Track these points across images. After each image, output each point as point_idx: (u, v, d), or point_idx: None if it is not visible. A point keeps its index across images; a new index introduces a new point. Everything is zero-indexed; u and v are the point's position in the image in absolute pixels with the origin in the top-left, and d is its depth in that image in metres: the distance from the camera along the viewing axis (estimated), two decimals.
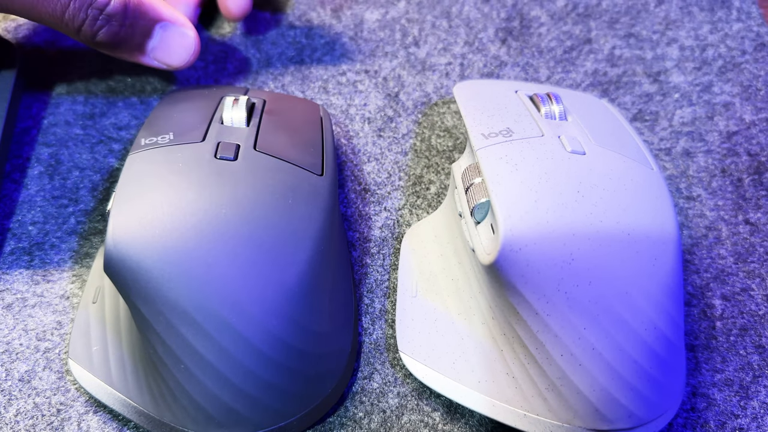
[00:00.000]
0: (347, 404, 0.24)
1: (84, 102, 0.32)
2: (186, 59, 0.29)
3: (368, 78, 0.34)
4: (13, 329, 0.26)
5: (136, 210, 0.21)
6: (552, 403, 0.22)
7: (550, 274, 0.21)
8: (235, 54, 0.35)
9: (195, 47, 0.29)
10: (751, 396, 0.25)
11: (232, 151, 0.24)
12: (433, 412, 0.24)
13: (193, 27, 0.29)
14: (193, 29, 0.29)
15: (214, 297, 0.20)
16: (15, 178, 0.30)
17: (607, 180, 0.22)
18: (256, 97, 0.28)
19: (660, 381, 0.22)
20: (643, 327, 0.21)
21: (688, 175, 0.31)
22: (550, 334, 0.21)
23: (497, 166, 0.22)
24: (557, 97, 0.26)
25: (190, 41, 0.28)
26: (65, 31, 0.26)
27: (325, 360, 0.23)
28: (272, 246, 0.22)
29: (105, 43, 0.27)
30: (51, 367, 0.25)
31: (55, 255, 0.28)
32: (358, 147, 0.32)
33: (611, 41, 0.36)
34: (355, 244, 0.28)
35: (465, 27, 0.36)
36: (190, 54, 0.29)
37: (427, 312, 0.25)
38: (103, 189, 0.30)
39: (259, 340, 0.21)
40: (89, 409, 0.24)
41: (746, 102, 0.34)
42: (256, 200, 0.22)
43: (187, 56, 0.29)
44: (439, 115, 0.33)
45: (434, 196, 0.30)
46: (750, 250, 0.29)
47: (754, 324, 0.27)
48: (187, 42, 0.28)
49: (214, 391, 0.21)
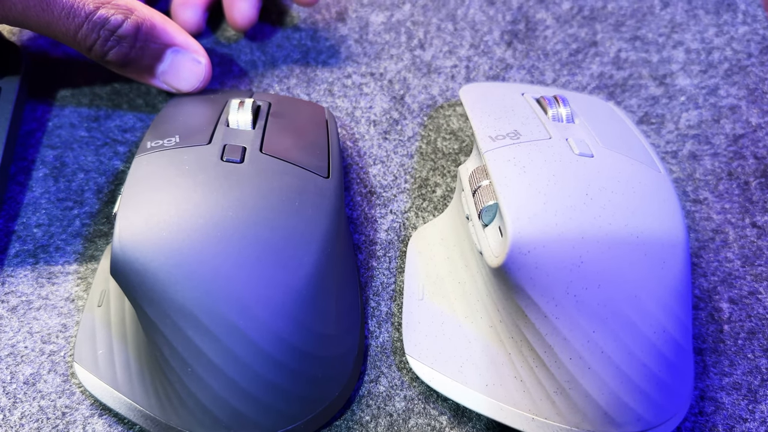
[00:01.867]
0: (354, 408, 0.24)
1: (89, 104, 0.32)
2: (195, 85, 0.29)
3: (374, 80, 0.34)
4: (18, 332, 0.26)
5: (142, 213, 0.21)
6: (560, 407, 0.22)
7: (558, 277, 0.20)
8: (240, 57, 0.35)
9: (206, 74, 0.29)
10: (759, 400, 0.25)
11: (239, 154, 0.24)
12: (440, 415, 0.24)
13: (205, 54, 0.29)
14: (205, 56, 0.29)
15: (221, 299, 0.20)
16: (20, 180, 0.30)
17: (615, 183, 0.22)
18: (262, 100, 0.28)
19: (669, 384, 0.22)
20: (652, 330, 0.21)
21: (694, 178, 0.31)
22: (558, 337, 0.21)
23: (505, 169, 0.22)
24: (564, 99, 0.26)
25: (201, 68, 0.29)
26: (78, 48, 0.27)
27: (332, 363, 0.23)
28: (279, 248, 0.21)
29: (115, 62, 0.27)
30: (56, 370, 0.25)
31: (60, 257, 0.27)
32: (363, 149, 0.32)
33: (617, 44, 0.36)
34: (361, 247, 0.28)
35: (470, 30, 0.36)
36: (199, 80, 0.29)
37: (434, 315, 0.25)
38: (108, 191, 0.29)
39: (266, 343, 0.21)
40: (94, 412, 0.24)
41: (752, 105, 0.34)
42: (262, 203, 0.22)
43: (197, 82, 0.29)
44: (445, 117, 0.33)
45: (440, 198, 0.30)
46: (757, 253, 0.29)
47: (761, 327, 0.27)
48: (198, 69, 0.29)
49: (221, 394, 0.21)
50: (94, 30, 0.26)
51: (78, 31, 0.26)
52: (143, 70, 0.28)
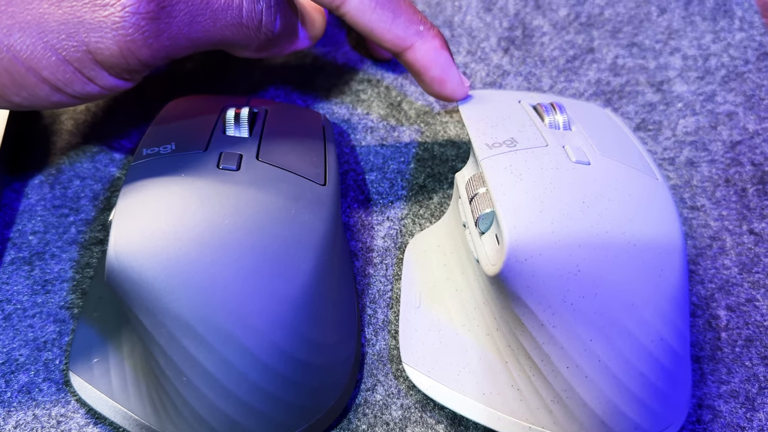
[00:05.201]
0: (350, 416, 0.24)
1: (85, 111, 0.32)
2: (322, 32, 0.29)
3: (371, 87, 0.34)
4: (13, 340, 0.25)
5: (138, 220, 0.21)
6: (557, 416, 0.21)
7: (555, 285, 0.20)
8: (237, 63, 0.35)
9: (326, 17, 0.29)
10: (757, 408, 0.25)
11: (235, 161, 0.23)
12: (437, 424, 0.24)
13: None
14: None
15: (217, 308, 0.20)
16: (16, 187, 0.29)
17: (612, 190, 0.22)
18: (259, 107, 0.28)
19: (666, 393, 0.22)
20: (649, 338, 0.21)
21: (691, 185, 0.31)
22: (555, 345, 0.21)
23: (502, 176, 0.22)
24: (561, 106, 0.26)
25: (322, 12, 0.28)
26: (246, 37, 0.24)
27: (329, 371, 0.23)
28: (275, 256, 0.21)
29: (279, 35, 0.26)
30: (51, 379, 0.25)
31: (55, 265, 0.27)
32: (360, 156, 0.32)
33: (614, 50, 0.36)
34: (357, 254, 0.28)
35: (467, 36, 0.36)
36: (324, 26, 0.29)
37: (431, 323, 0.25)
38: (104, 198, 0.29)
39: (262, 352, 0.21)
40: (89, 421, 0.24)
41: (749, 111, 0.34)
42: (258, 210, 0.22)
43: (323, 28, 0.29)
44: (442, 124, 0.33)
45: (437, 205, 0.30)
46: (754, 260, 0.29)
47: (759, 335, 0.27)
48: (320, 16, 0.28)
49: (216, 404, 0.21)
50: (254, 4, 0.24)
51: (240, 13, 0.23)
52: (293, 34, 0.27)
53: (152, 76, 0.34)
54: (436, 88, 0.26)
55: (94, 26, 0.20)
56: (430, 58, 0.26)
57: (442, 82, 0.26)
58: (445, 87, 0.26)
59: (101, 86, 0.22)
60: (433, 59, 0.26)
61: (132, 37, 0.20)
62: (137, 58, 0.21)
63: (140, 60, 0.21)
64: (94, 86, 0.22)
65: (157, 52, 0.22)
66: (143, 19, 0.20)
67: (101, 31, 0.20)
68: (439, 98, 0.27)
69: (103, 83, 0.22)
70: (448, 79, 0.26)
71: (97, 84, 0.22)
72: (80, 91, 0.22)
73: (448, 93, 0.27)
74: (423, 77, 0.26)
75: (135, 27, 0.20)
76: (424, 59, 0.26)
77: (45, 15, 0.20)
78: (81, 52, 0.20)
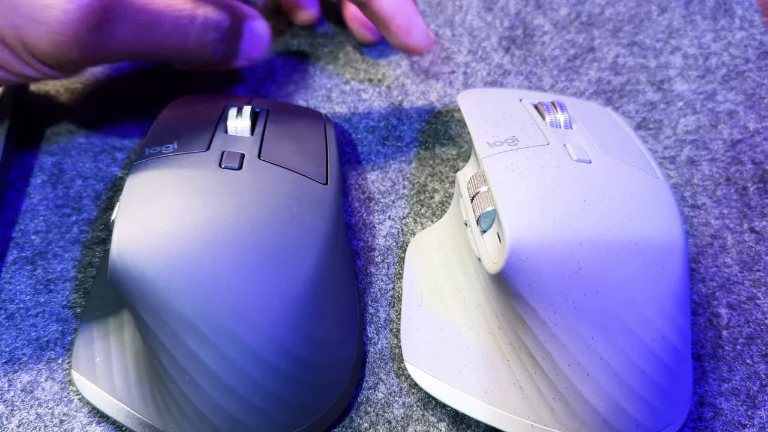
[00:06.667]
0: (352, 415, 0.24)
1: (87, 110, 0.32)
2: (265, 49, 0.29)
3: (372, 87, 0.34)
4: (16, 339, 0.25)
5: (140, 220, 0.21)
6: (559, 414, 0.22)
7: (557, 284, 0.20)
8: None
9: (269, 35, 0.29)
10: (758, 405, 0.25)
11: (237, 161, 0.24)
12: (438, 422, 0.24)
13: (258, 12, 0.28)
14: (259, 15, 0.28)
15: (219, 306, 0.20)
16: (18, 186, 0.30)
17: (613, 188, 0.22)
18: (260, 106, 0.28)
19: (667, 390, 0.22)
20: (651, 336, 0.21)
21: (692, 184, 0.31)
22: (557, 343, 0.21)
23: (503, 175, 0.22)
24: (562, 105, 0.26)
25: (265, 28, 0.28)
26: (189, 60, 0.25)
27: (331, 370, 0.23)
28: (277, 255, 0.21)
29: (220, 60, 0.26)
30: (54, 378, 0.25)
31: (58, 264, 0.27)
32: (361, 156, 0.32)
33: (614, 50, 0.36)
34: (359, 253, 0.28)
35: (468, 36, 0.36)
36: (267, 44, 0.28)
37: (433, 321, 0.25)
38: (106, 198, 0.29)
39: (264, 350, 0.21)
40: (92, 420, 0.24)
41: (750, 110, 0.34)
42: (260, 209, 0.22)
43: (265, 47, 0.28)
44: (443, 123, 0.33)
45: (438, 204, 0.30)
46: (755, 259, 0.29)
47: (760, 333, 0.27)
48: (264, 31, 0.28)
49: (219, 402, 0.21)
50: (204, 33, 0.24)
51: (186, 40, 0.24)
52: (233, 58, 0.27)
53: (153, 75, 0.34)
54: (402, 38, 0.26)
55: (32, 19, 0.20)
56: (395, 7, 0.26)
57: (408, 31, 0.26)
58: (410, 36, 0.26)
59: (39, 72, 0.22)
60: (399, 8, 0.26)
61: (65, 39, 0.21)
62: (69, 59, 0.22)
63: (72, 61, 0.22)
64: (32, 71, 0.22)
65: (92, 57, 0.22)
66: (81, 27, 0.21)
67: (36, 26, 0.20)
68: (406, 50, 0.27)
69: (41, 70, 0.22)
70: (413, 28, 0.26)
71: (35, 69, 0.22)
72: (21, 72, 0.22)
73: (414, 43, 0.27)
74: (389, 26, 0.26)
75: (72, 31, 0.20)
76: (390, 7, 0.26)
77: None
78: (16, 39, 0.21)
